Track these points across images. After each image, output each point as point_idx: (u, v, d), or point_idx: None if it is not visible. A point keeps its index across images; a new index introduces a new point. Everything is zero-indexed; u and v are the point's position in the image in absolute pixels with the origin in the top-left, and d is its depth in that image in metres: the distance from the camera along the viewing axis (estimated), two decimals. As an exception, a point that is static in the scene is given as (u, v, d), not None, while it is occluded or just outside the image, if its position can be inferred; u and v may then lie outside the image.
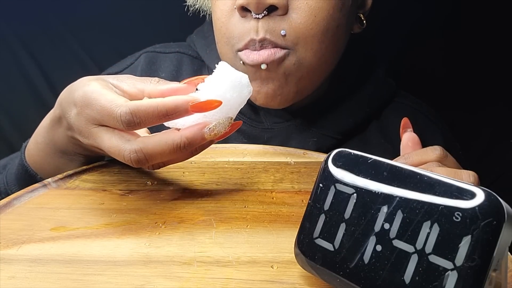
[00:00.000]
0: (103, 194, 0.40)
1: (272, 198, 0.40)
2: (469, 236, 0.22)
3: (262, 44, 0.46)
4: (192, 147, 0.37)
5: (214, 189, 0.41)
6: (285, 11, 0.46)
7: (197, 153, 0.39)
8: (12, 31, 0.77)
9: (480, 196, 0.23)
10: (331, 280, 0.28)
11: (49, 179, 0.42)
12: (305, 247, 0.30)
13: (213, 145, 0.48)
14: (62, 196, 0.40)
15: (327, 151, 0.50)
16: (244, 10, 0.46)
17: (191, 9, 0.60)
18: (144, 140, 0.36)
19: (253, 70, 0.48)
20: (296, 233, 0.31)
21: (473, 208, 0.23)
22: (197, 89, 0.38)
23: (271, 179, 0.43)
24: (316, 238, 0.29)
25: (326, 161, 0.30)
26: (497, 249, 0.22)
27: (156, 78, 0.40)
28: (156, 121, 0.36)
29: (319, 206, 0.29)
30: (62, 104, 0.40)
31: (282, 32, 0.46)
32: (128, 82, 0.40)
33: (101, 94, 0.36)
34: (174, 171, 0.44)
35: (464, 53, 0.79)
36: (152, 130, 0.42)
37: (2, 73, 0.77)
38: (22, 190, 0.40)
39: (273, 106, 0.52)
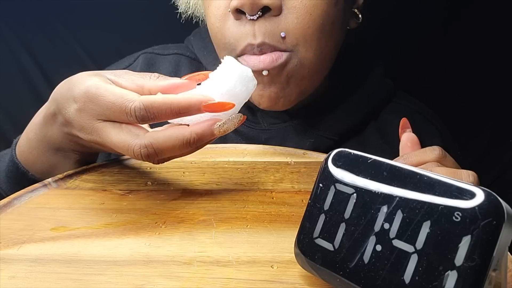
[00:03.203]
0: (104, 194, 0.40)
1: (272, 198, 0.41)
2: (469, 236, 0.22)
3: (261, 48, 0.46)
4: (201, 143, 0.36)
5: (214, 189, 0.41)
6: (279, 11, 0.45)
7: (202, 147, 0.38)
8: (11, 30, 0.77)
9: (480, 196, 0.23)
10: (331, 280, 0.29)
11: (49, 179, 0.42)
12: (305, 247, 0.30)
13: (213, 145, 0.49)
14: (63, 196, 0.40)
15: (325, 152, 0.50)
16: (238, 12, 0.45)
17: (184, 16, 0.59)
18: (153, 135, 0.35)
19: (254, 74, 0.47)
20: (296, 233, 0.31)
21: (473, 208, 0.23)
22: (198, 84, 0.38)
23: (271, 179, 0.43)
24: (316, 238, 0.29)
25: (326, 161, 0.30)
26: (497, 249, 0.22)
27: (156, 74, 0.39)
28: (168, 118, 0.36)
29: (319, 206, 0.29)
30: (57, 100, 0.39)
31: (282, 34, 0.45)
32: (126, 77, 0.39)
33: (106, 90, 0.36)
34: (174, 171, 0.44)
35: (464, 51, 0.79)
36: (154, 125, 0.42)
37: (1, 73, 0.77)
38: (23, 190, 0.40)
39: (277, 109, 0.51)
